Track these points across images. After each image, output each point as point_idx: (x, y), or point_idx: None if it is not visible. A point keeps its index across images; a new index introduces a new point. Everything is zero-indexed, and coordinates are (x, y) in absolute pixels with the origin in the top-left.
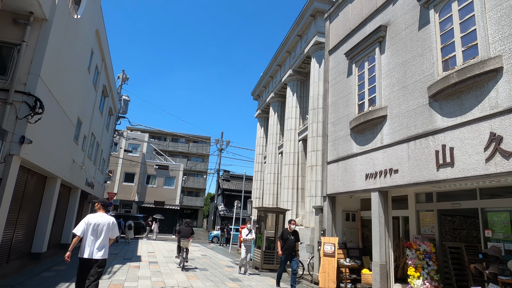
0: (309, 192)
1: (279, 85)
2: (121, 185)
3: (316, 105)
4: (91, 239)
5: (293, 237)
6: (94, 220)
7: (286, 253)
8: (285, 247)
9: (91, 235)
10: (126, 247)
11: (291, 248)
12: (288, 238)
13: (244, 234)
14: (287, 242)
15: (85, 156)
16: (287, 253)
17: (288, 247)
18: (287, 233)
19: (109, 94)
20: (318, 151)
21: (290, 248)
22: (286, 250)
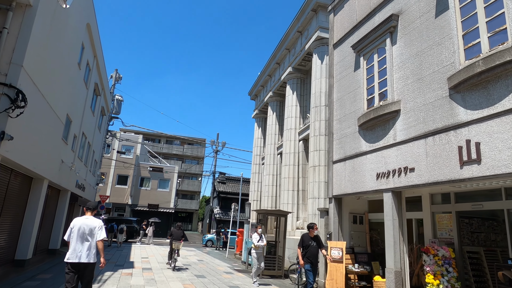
0: (311, 193)
1: (278, 84)
2: (114, 188)
3: (319, 103)
4: (78, 242)
5: (315, 243)
6: (79, 224)
7: (308, 261)
8: (307, 255)
9: (77, 238)
10: (118, 252)
11: (314, 256)
12: (310, 245)
13: (255, 240)
14: (309, 249)
15: (75, 157)
16: (310, 261)
17: (310, 254)
18: (308, 239)
19: (101, 93)
20: (321, 151)
21: (312, 255)
22: (309, 258)
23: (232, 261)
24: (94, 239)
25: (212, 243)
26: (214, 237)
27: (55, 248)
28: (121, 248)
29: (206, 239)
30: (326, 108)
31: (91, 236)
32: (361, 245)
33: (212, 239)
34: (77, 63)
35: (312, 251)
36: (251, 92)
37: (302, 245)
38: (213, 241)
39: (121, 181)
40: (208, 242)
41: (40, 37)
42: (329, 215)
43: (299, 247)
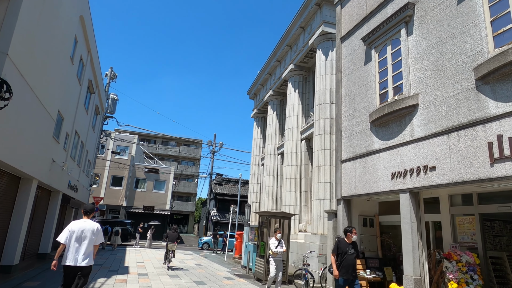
0: (316, 195)
1: (278, 82)
2: (108, 189)
3: (323, 100)
4: (75, 246)
5: (353, 250)
6: (77, 227)
7: (345, 273)
8: (343, 264)
9: (75, 242)
10: (113, 255)
11: (351, 267)
12: (347, 252)
13: (272, 246)
14: (346, 257)
15: (67, 156)
16: (347, 274)
17: (347, 264)
18: (345, 245)
19: (95, 90)
20: (326, 150)
21: (350, 266)
22: (345, 268)
23: (231, 265)
24: (92, 243)
25: (208, 246)
26: (211, 239)
27: (45, 253)
28: (115, 252)
29: (203, 241)
30: (331, 106)
31: (89, 239)
32: (372, 250)
33: (208, 241)
34: (70, 57)
35: (350, 261)
36: (250, 91)
37: (337, 252)
38: (210, 244)
39: (115, 182)
40: (204, 245)
41: (28, 25)
42: (337, 217)
43: (333, 254)
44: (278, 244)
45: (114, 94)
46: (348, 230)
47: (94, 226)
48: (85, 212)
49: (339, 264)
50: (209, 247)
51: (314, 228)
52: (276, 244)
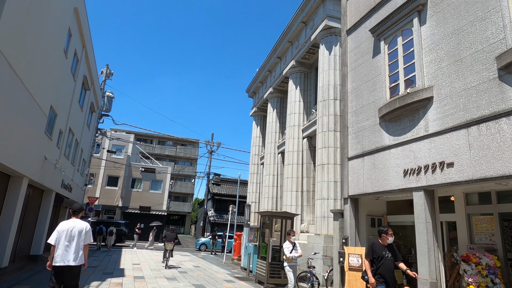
0: (319, 194)
1: (279, 79)
2: (104, 189)
3: (327, 96)
4: (64, 246)
5: (390, 254)
6: (66, 227)
7: (382, 280)
8: (380, 271)
9: (64, 242)
10: (108, 257)
11: (389, 272)
12: (384, 256)
13: (287, 251)
14: (383, 262)
15: (61, 154)
16: (385, 281)
17: (385, 270)
18: (381, 248)
19: (90, 87)
20: (329, 148)
21: (388, 271)
22: (382, 275)
23: (230, 267)
24: (81, 243)
25: (206, 247)
26: (208, 240)
27: (37, 254)
28: (110, 253)
29: (200, 242)
30: (335, 102)
31: (78, 239)
32: None
33: (206, 242)
34: (63, 50)
35: (388, 266)
36: (249, 89)
37: (373, 257)
38: (208, 245)
39: (111, 182)
40: (202, 246)
41: (17, 14)
42: (344, 217)
43: (367, 259)
44: (293, 248)
45: (110, 92)
46: (383, 231)
47: (83, 225)
48: (74, 212)
49: (375, 270)
50: (206, 248)
51: (317, 229)
52: (290, 248)
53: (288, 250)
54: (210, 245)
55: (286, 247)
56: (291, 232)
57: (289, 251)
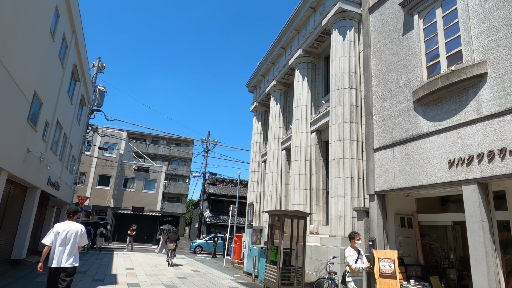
0: (334, 191)
1: (283, 71)
2: (95, 189)
3: (341, 85)
4: (60, 248)
5: None
6: (62, 229)
7: None
8: None
9: (59, 244)
10: (98, 261)
11: None
12: None
13: (351, 260)
14: None
15: (47, 148)
16: None
17: None
18: None
19: (81, 78)
20: (345, 141)
21: None
22: None
23: (232, 271)
24: (76, 245)
25: (201, 249)
26: (204, 242)
27: (19, 258)
28: (101, 256)
29: (195, 245)
30: (350, 91)
31: (73, 241)
32: (412, 255)
33: (202, 244)
34: (50, 30)
35: None
36: (249, 84)
37: None
38: (203, 247)
39: (102, 181)
40: (197, 248)
41: None
42: (370, 216)
43: None
44: (358, 256)
45: (101, 86)
46: None
47: (78, 227)
48: (69, 214)
49: None
50: (202, 251)
51: (332, 230)
52: (355, 256)
53: (353, 259)
54: (206, 247)
55: (350, 255)
56: (355, 235)
57: (354, 261)
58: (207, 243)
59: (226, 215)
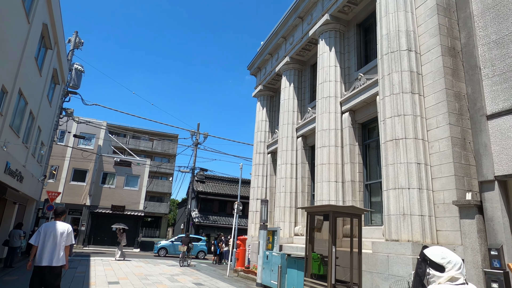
0: (393, 182)
1: (300, 44)
2: (68, 185)
3: (396, 46)
4: (46, 247)
5: None
6: (49, 228)
7: None
8: None
9: (46, 243)
10: (71, 270)
11: None
12: None
13: None
14: None
15: (3, 123)
16: None
17: None
18: None
19: (53, 46)
20: (406, 116)
21: None
22: None
23: (240, 282)
24: (63, 244)
25: (166, 252)
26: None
27: None
28: (74, 264)
29: (159, 246)
30: (409, 54)
31: (60, 240)
32: None
33: (166, 246)
34: None
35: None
36: (252, 65)
37: None
38: (168, 249)
39: (77, 176)
40: (161, 250)
41: None
42: (485, 213)
43: None
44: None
45: (78, 65)
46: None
47: (65, 227)
48: (56, 214)
49: None
50: (166, 253)
51: (392, 233)
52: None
53: None
54: (171, 249)
55: None
56: (448, 264)
57: None
58: (173, 245)
59: (216, 215)
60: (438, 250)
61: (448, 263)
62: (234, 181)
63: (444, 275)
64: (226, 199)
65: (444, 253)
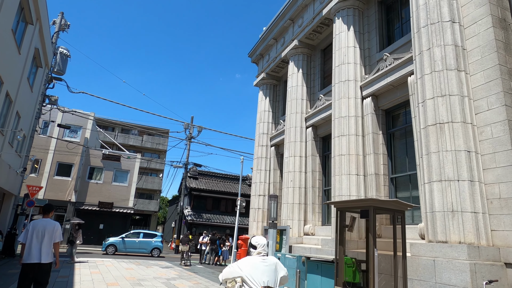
0: (438, 174)
1: (310, 26)
2: (52, 180)
3: (437, 17)
4: (35, 244)
5: None
6: (37, 226)
7: None
8: None
9: (35, 240)
10: (53, 274)
11: None
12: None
13: None
14: None
15: None
16: None
17: None
18: None
19: (34, 22)
20: (452, 96)
21: None
22: None
23: None
24: (51, 241)
25: (115, 249)
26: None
27: None
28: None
29: (108, 243)
30: (452, 25)
31: (49, 237)
32: None
33: (115, 243)
34: None
35: None
36: (254, 52)
37: None
38: (117, 246)
39: (62, 171)
40: (109, 247)
41: None
42: None
43: None
44: None
45: (64, 48)
46: None
47: (53, 224)
48: (44, 211)
49: None
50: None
51: (434, 233)
52: None
53: None
54: (121, 246)
55: None
56: None
57: None
58: (123, 242)
59: (209, 213)
60: (255, 238)
61: (258, 244)
62: (229, 177)
63: (256, 251)
64: (220, 196)
65: (256, 239)
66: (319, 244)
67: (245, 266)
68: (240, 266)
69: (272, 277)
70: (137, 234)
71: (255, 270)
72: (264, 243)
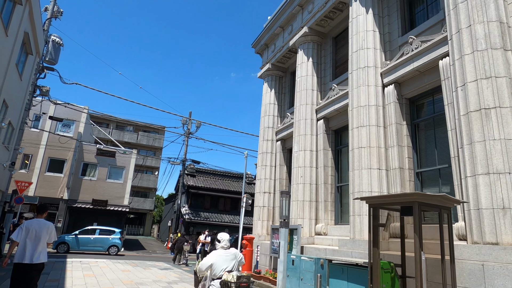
0: (484, 166)
1: (323, 10)
2: (43, 176)
3: None
4: (30, 244)
5: None
6: (31, 226)
7: None
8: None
9: (29, 240)
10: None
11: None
12: None
13: None
14: None
15: None
16: None
17: None
18: None
19: (23, 2)
20: (498, 78)
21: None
22: None
23: None
24: (45, 241)
25: (68, 248)
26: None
27: None
28: (47, 269)
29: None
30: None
31: (43, 238)
32: None
33: (68, 241)
34: None
35: None
36: (258, 42)
37: None
38: (69, 244)
39: (54, 167)
40: (60, 245)
41: None
42: None
43: None
44: None
45: (56, 37)
46: None
47: (47, 224)
48: (38, 211)
49: None
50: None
51: (486, 233)
52: None
53: None
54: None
55: None
56: None
57: None
58: (76, 239)
59: (208, 211)
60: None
61: (222, 239)
62: (227, 175)
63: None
64: (219, 194)
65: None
66: (333, 244)
67: (212, 257)
68: (209, 258)
69: (231, 263)
70: (93, 231)
71: (218, 258)
72: (227, 238)
